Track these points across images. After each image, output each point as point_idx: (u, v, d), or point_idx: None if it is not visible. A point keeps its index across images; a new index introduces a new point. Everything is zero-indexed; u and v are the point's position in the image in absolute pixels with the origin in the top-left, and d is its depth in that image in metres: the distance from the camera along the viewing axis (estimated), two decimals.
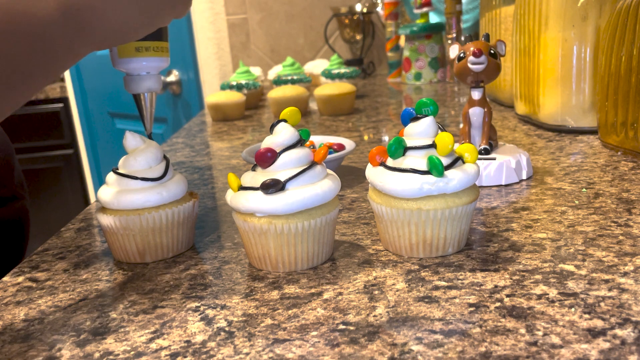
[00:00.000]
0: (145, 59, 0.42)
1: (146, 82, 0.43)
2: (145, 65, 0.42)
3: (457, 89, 1.26)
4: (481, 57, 0.50)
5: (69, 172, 2.10)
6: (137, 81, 0.43)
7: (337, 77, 1.17)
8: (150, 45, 0.42)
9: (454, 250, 0.39)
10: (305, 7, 1.68)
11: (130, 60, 0.42)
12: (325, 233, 0.38)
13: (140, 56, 0.42)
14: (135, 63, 0.42)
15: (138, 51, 0.41)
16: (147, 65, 0.42)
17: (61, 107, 2.04)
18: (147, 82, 0.43)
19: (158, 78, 0.44)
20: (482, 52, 0.49)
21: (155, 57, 0.42)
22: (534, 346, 0.27)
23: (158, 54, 0.43)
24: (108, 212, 0.41)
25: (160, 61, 0.43)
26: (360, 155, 0.70)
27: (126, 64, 0.42)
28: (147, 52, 0.42)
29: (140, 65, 0.42)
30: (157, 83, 0.44)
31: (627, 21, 0.56)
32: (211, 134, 0.96)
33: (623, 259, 0.36)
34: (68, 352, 0.30)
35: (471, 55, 0.50)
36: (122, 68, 0.42)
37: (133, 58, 0.42)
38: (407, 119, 0.39)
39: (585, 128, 0.70)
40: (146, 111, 0.44)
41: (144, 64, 0.42)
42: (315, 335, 0.30)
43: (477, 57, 0.50)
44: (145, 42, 0.41)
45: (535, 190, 0.51)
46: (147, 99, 0.44)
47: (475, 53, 0.50)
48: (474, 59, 0.50)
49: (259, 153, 0.37)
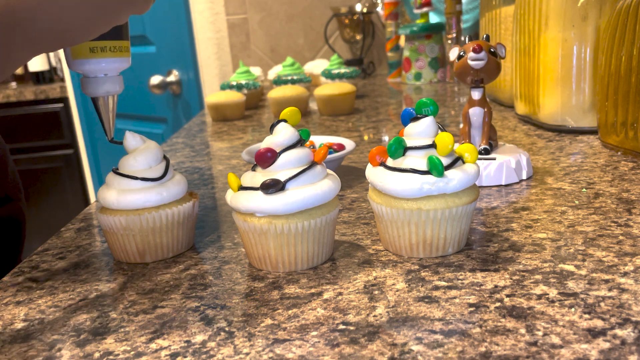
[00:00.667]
0: (103, 60, 0.39)
1: (104, 85, 0.40)
2: (104, 66, 0.39)
3: (457, 89, 1.26)
4: (481, 52, 0.49)
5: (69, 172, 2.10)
6: (94, 84, 0.40)
7: (337, 77, 1.17)
8: (107, 45, 0.39)
9: (454, 250, 0.39)
10: (305, 7, 1.68)
11: (85, 62, 0.39)
12: (325, 233, 0.38)
13: (96, 57, 0.39)
14: (91, 64, 0.39)
15: (93, 52, 0.38)
16: (105, 67, 0.39)
17: (61, 107, 2.04)
18: (105, 85, 0.40)
19: (118, 79, 0.41)
20: (482, 48, 0.49)
21: (113, 57, 0.39)
22: (534, 346, 0.27)
23: (116, 54, 0.39)
24: (108, 212, 0.41)
25: (119, 62, 0.40)
26: (360, 155, 0.70)
27: (81, 66, 0.39)
28: (104, 52, 0.39)
29: (98, 67, 0.39)
30: (116, 85, 0.40)
31: (627, 21, 0.56)
32: (211, 134, 0.96)
33: (623, 259, 0.36)
34: (68, 352, 0.30)
35: (471, 51, 0.50)
36: (77, 70, 0.39)
37: (88, 59, 0.38)
38: (407, 119, 0.39)
39: (585, 128, 0.70)
40: (105, 115, 0.41)
41: (102, 66, 0.39)
42: (315, 335, 0.30)
43: (477, 52, 0.49)
44: (101, 42, 0.38)
45: (535, 190, 0.51)
46: (107, 103, 0.41)
47: (475, 49, 0.49)
48: (474, 55, 0.50)
49: (259, 153, 0.37)
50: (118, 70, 0.40)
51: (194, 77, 1.61)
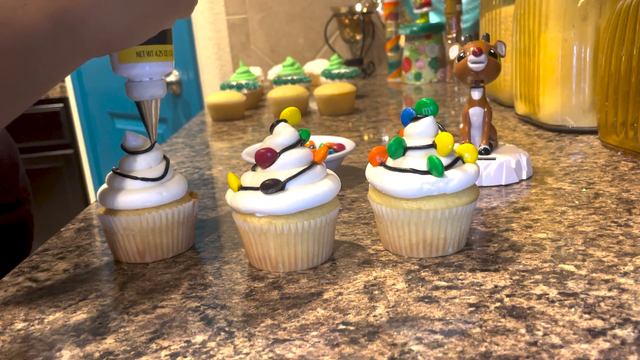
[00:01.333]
0: (148, 64, 0.39)
1: (149, 89, 0.40)
2: (148, 71, 0.39)
3: (457, 89, 1.26)
4: (481, 56, 0.50)
5: (69, 172, 2.10)
6: (140, 88, 0.40)
7: (337, 77, 1.17)
8: (153, 50, 0.39)
9: (454, 250, 0.39)
10: (305, 7, 1.68)
11: (132, 66, 0.39)
12: (325, 233, 0.38)
13: (142, 61, 0.39)
14: (137, 69, 0.39)
15: (139, 56, 0.39)
16: (150, 71, 0.39)
17: (61, 107, 2.04)
18: (151, 89, 0.40)
19: (162, 83, 0.41)
20: (482, 51, 0.49)
21: (159, 62, 0.39)
22: (534, 346, 0.27)
23: (161, 58, 0.39)
24: (108, 212, 0.41)
25: (164, 66, 0.40)
26: (360, 155, 0.70)
27: (127, 70, 0.39)
28: (150, 57, 0.39)
29: (143, 71, 0.39)
30: (161, 89, 0.41)
31: (627, 21, 0.56)
32: (211, 134, 0.96)
33: (623, 259, 0.36)
34: (68, 352, 0.30)
35: (471, 54, 0.50)
36: (123, 74, 0.40)
37: (134, 64, 0.39)
38: (407, 119, 0.39)
39: (585, 128, 0.70)
40: (150, 119, 0.41)
41: (147, 70, 0.39)
42: (315, 335, 0.30)
43: (477, 56, 0.50)
44: (147, 46, 0.38)
45: (535, 190, 0.51)
46: (152, 106, 0.41)
47: (475, 52, 0.50)
48: (474, 58, 0.50)
49: (259, 153, 0.37)
50: (162, 74, 0.40)
51: (194, 77, 1.61)
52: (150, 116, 0.41)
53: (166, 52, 0.40)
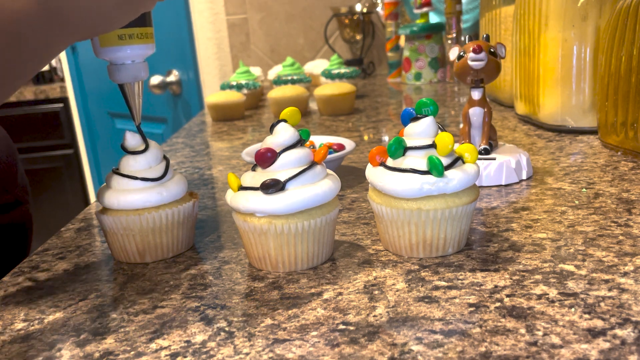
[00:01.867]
0: (130, 47, 0.40)
1: (132, 71, 0.41)
2: (130, 53, 0.40)
3: (457, 89, 1.26)
4: (481, 53, 0.49)
5: (69, 172, 2.10)
6: (122, 70, 0.40)
7: (337, 77, 1.17)
8: (134, 32, 0.39)
9: (454, 250, 0.39)
10: (305, 7, 1.68)
11: (114, 50, 0.39)
12: (325, 233, 0.38)
13: (124, 44, 0.39)
14: (119, 52, 0.40)
15: (121, 39, 0.39)
16: (131, 54, 0.40)
17: (61, 107, 2.04)
18: (133, 71, 0.41)
19: (144, 66, 0.41)
20: (482, 49, 0.49)
21: (140, 44, 0.40)
22: (534, 346, 0.27)
23: (143, 41, 0.40)
24: (108, 212, 0.41)
25: (145, 48, 0.41)
26: (360, 155, 0.70)
27: (109, 54, 0.40)
28: (131, 39, 0.39)
29: (125, 54, 0.40)
30: (143, 71, 0.41)
31: (627, 21, 0.56)
32: (211, 134, 0.96)
33: (623, 259, 0.36)
34: (68, 352, 0.30)
35: (471, 52, 0.50)
36: (105, 57, 0.40)
37: (116, 47, 0.39)
38: (407, 119, 0.39)
39: (585, 128, 0.70)
40: (133, 101, 0.42)
41: (128, 53, 0.40)
42: (315, 335, 0.30)
43: (477, 53, 0.49)
44: (128, 30, 0.39)
45: (535, 190, 0.51)
46: (135, 88, 0.41)
47: (475, 49, 0.49)
48: (474, 56, 0.50)
49: (259, 153, 0.37)
50: (144, 56, 0.41)
51: (194, 77, 1.61)
52: (133, 98, 0.42)
53: (147, 34, 0.40)
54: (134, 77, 0.41)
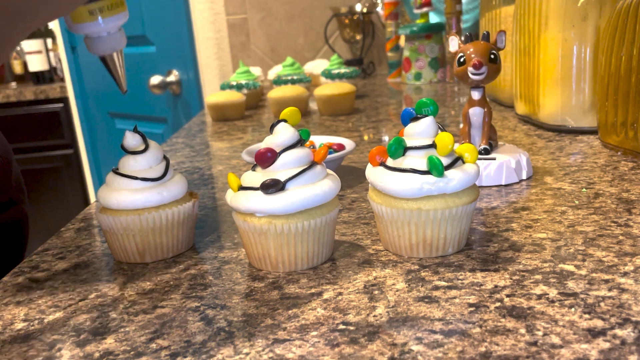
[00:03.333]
0: (102, 20, 0.40)
1: (109, 43, 0.41)
2: (104, 26, 0.40)
3: (457, 89, 1.26)
4: (481, 69, 0.50)
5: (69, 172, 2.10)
6: (99, 43, 0.41)
7: (337, 77, 1.17)
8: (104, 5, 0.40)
9: (454, 250, 0.39)
10: (305, 7, 1.68)
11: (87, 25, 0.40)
12: (325, 233, 0.38)
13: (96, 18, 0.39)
14: (93, 26, 0.40)
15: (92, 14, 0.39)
16: (105, 27, 0.40)
17: (61, 107, 2.04)
18: (110, 42, 0.41)
19: (120, 35, 0.42)
20: (482, 64, 0.49)
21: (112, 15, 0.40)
22: (534, 346, 0.27)
23: (114, 11, 0.40)
24: (108, 212, 0.41)
25: (118, 18, 0.41)
26: (360, 155, 0.70)
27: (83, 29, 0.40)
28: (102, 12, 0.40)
29: (99, 28, 0.40)
30: (120, 41, 0.41)
31: (627, 21, 0.56)
32: (211, 134, 0.96)
33: (623, 259, 0.36)
34: (68, 352, 0.30)
35: (471, 66, 0.50)
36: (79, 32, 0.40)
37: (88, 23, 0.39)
38: (407, 119, 0.39)
39: (585, 128, 0.70)
40: (116, 71, 0.42)
41: (102, 26, 0.40)
42: (315, 335, 0.30)
43: (477, 69, 0.50)
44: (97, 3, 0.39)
45: (535, 190, 0.51)
46: (115, 58, 0.42)
47: (476, 65, 0.49)
48: (473, 71, 0.50)
49: (259, 153, 0.37)
50: (118, 26, 0.41)
51: (194, 77, 1.60)
52: (115, 68, 0.42)
53: (117, 3, 0.41)
54: (112, 48, 0.41)
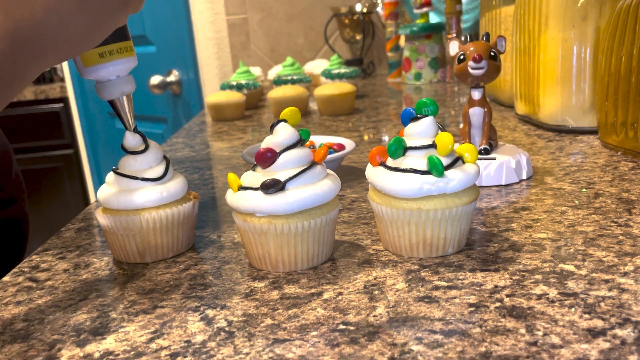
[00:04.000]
0: (112, 62, 0.40)
1: (118, 87, 0.41)
2: (113, 69, 0.40)
3: (457, 89, 1.26)
4: (481, 62, 0.50)
5: (69, 172, 2.10)
6: (109, 87, 0.41)
7: (337, 77, 1.17)
8: (114, 48, 0.40)
9: (454, 250, 0.39)
10: (305, 7, 1.68)
11: (97, 68, 0.40)
12: (325, 233, 0.38)
13: (106, 62, 0.40)
14: (103, 70, 0.40)
15: (102, 57, 0.40)
16: (114, 70, 0.41)
17: (61, 107, 2.04)
18: (120, 86, 0.41)
19: (129, 79, 0.42)
20: (482, 58, 0.49)
21: (122, 59, 0.41)
22: (534, 346, 0.27)
23: (123, 55, 0.41)
24: (108, 212, 0.41)
25: (127, 62, 0.41)
26: (360, 155, 0.70)
27: (94, 72, 0.40)
28: (112, 56, 0.40)
29: (108, 71, 0.40)
30: (129, 84, 0.42)
31: (627, 21, 0.56)
32: (211, 134, 0.96)
33: (623, 259, 0.36)
34: (68, 352, 0.30)
35: (471, 60, 0.50)
36: (90, 77, 0.41)
37: (99, 65, 0.40)
38: (407, 119, 0.39)
39: (585, 128, 0.70)
40: (125, 114, 0.43)
41: (111, 69, 0.40)
42: (315, 335, 0.30)
43: (478, 62, 0.49)
44: (108, 46, 0.40)
45: (535, 190, 0.51)
46: (124, 102, 0.42)
47: (476, 58, 0.49)
48: (474, 64, 0.50)
49: (259, 153, 0.37)
50: (128, 70, 0.42)
51: (194, 77, 1.60)
52: (125, 112, 0.42)
53: (127, 48, 0.41)
54: (121, 92, 0.42)
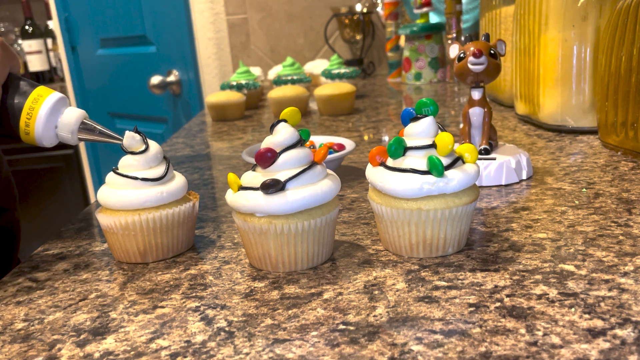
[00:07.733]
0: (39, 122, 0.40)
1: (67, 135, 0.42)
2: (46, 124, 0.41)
3: (457, 89, 1.26)
4: (481, 57, 0.49)
5: (69, 172, 2.10)
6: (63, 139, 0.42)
7: (337, 77, 1.17)
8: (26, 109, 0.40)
9: (454, 250, 0.39)
10: (305, 7, 1.68)
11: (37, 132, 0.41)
12: (325, 233, 0.38)
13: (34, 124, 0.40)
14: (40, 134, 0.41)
15: (27, 126, 0.40)
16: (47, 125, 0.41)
17: None
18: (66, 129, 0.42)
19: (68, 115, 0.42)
20: (482, 53, 0.49)
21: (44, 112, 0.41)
22: (534, 346, 0.27)
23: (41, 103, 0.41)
24: (108, 212, 0.41)
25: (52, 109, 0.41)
26: (360, 155, 0.70)
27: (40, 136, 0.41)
28: (31, 119, 0.40)
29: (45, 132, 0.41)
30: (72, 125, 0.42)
31: (627, 21, 0.56)
32: (211, 134, 0.96)
33: (623, 259, 0.36)
34: (68, 352, 0.30)
35: (471, 55, 0.50)
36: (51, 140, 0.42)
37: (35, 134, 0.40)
38: (407, 119, 0.39)
39: (585, 128, 0.70)
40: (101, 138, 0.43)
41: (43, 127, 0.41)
42: (315, 335, 0.30)
43: (477, 57, 0.49)
44: (24, 110, 0.40)
45: (535, 190, 0.51)
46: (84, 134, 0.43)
47: (475, 54, 0.49)
48: (474, 60, 0.50)
49: (259, 153, 0.37)
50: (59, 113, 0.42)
51: (194, 77, 1.60)
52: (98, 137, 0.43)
53: (39, 96, 0.41)
54: (71, 131, 0.42)
